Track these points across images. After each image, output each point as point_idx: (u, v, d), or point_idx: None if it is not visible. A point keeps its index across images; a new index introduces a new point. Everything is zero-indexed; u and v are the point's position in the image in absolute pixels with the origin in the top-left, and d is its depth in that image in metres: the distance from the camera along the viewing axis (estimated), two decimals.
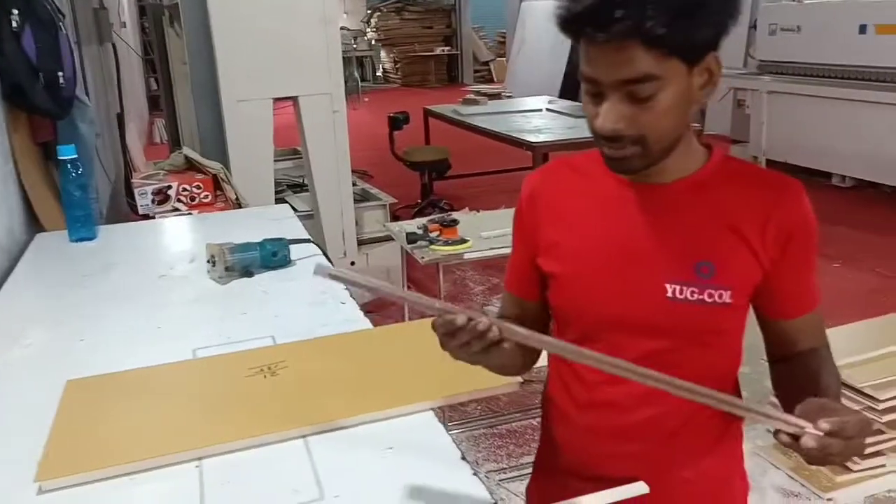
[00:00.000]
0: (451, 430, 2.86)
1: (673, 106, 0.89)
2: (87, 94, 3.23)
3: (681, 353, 0.99)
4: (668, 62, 0.86)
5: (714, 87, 0.92)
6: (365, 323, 1.57)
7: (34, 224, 2.38)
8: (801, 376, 1.01)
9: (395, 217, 5.02)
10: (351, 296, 1.71)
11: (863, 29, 5.80)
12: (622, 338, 1.01)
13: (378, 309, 3.73)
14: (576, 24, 0.86)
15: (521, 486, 1.24)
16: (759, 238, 0.95)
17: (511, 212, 1.15)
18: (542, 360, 1.17)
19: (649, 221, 0.99)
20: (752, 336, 1.07)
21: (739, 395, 1.08)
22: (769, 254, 0.96)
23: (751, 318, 1.06)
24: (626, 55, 0.85)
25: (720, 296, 0.96)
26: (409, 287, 3.41)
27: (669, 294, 0.97)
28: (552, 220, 1.07)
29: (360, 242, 4.17)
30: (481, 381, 1.18)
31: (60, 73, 2.38)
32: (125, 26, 6.79)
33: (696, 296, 0.96)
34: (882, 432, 2.48)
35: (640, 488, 1.00)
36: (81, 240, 2.17)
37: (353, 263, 3.97)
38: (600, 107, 0.91)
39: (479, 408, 3.04)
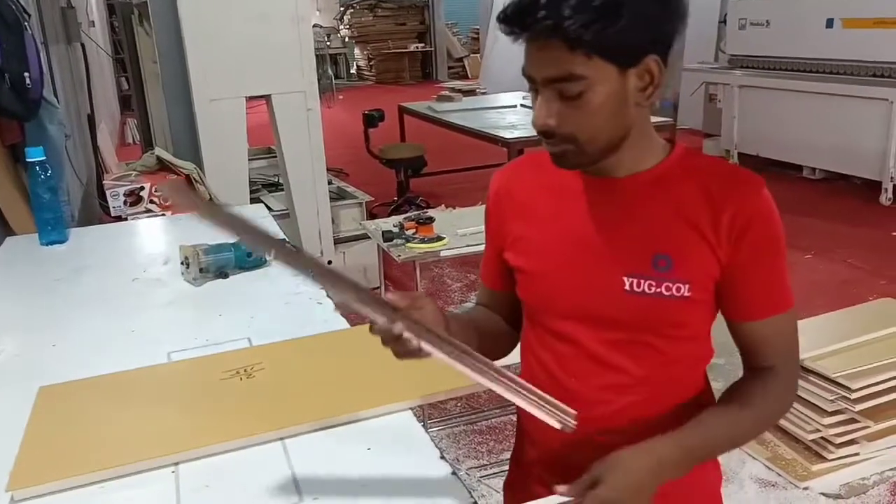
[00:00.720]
0: (430, 428, 2.87)
1: (603, 106, 0.90)
2: (55, 94, 3.18)
3: (642, 344, 1.00)
4: (594, 63, 0.88)
5: (657, 90, 0.92)
6: (341, 323, 1.57)
7: (3, 228, 2.35)
8: (729, 394, 1.02)
9: (372, 215, 5.00)
10: (327, 295, 1.71)
11: (830, 23, 5.88)
12: (584, 330, 1.02)
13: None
14: (506, 23, 0.90)
15: (502, 483, 1.24)
16: (713, 231, 0.95)
17: None
18: (516, 357, 1.18)
19: (607, 215, 1.00)
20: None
21: (709, 387, 1.09)
22: (724, 248, 0.96)
23: None
24: (550, 54, 0.88)
25: (678, 289, 0.96)
26: (387, 287, 3.40)
27: (627, 287, 0.97)
28: (517, 215, 1.08)
29: (337, 241, 4.15)
30: (460, 379, 1.17)
31: (27, 74, 2.34)
32: (94, 25, 6.69)
33: (653, 289, 0.97)
34: (856, 421, 2.52)
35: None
36: (52, 243, 2.14)
37: (329, 262, 3.95)
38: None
39: (458, 405, 3.04)
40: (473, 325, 1.10)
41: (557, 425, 0.97)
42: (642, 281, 0.97)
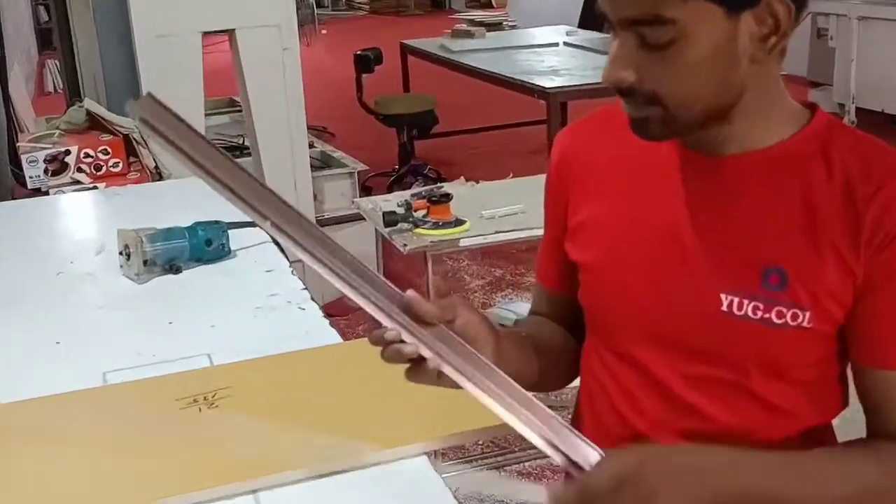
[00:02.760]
0: (446, 473, 2.85)
1: (701, 61, 0.89)
2: None
3: (738, 386, 0.98)
4: (692, 3, 0.86)
5: (783, 39, 0.90)
6: (331, 335, 1.56)
7: None
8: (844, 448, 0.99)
9: (367, 190, 4.98)
10: (311, 298, 1.70)
11: None
12: (660, 357, 1.01)
13: (344, 312, 3.71)
14: None
15: None
16: (851, 240, 0.92)
17: (525, 182, 1.16)
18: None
19: (706, 206, 0.99)
20: None
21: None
22: (862, 263, 0.92)
23: None
24: None
25: (794, 316, 0.94)
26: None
27: (725, 307, 0.96)
28: (584, 192, 1.08)
29: (321, 224, 4.11)
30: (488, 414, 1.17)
31: None
32: None
33: (759, 313, 0.95)
34: None
35: None
36: None
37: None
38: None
39: (481, 443, 3.04)
40: (533, 345, 1.09)
41: None
42: (746, 301, 0.95)
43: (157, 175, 3.00)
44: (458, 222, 2.70)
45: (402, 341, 0.88)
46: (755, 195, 0.97)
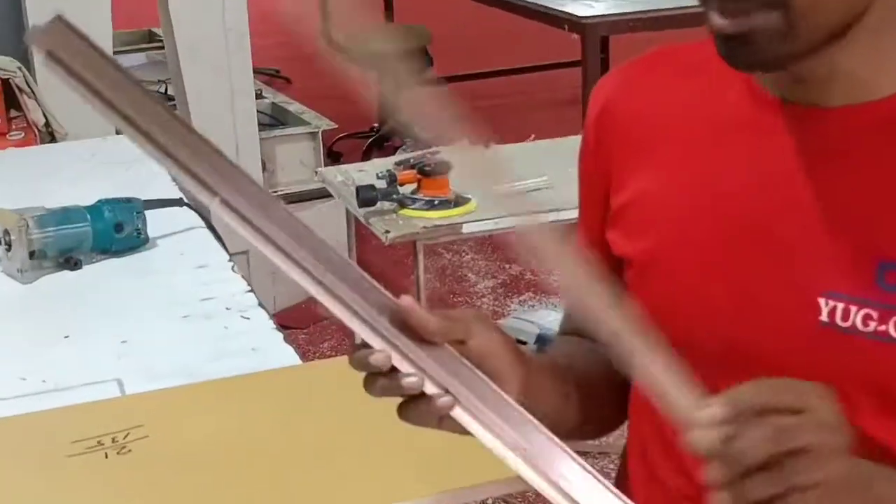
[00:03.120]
0: None
1: None
2: None
3: (852, 421, 0.96)
4: None
5: None
6: (286, 353, 1.57)
7: None
8: None
9: (335, 156, 4.98)
10: (259, 304, 1.71)
11: None
12: (736, 383, 1.00)
13: (304, 320, 3.71)
14: None
15: None
16: None
17: (553, 144, 1.16)
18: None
19: (801, 176, 0.99)
20: None
21: None
22: None
23: None
24: None
25: None
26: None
27: (824, 317, 0.97)
28: (632, 161, 1.10)
29: None
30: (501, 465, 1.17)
31: None
32: None
33: (872, 324, 0.95)
34: None
35: None
36: None
37: None
38: None
39: (489, 501, 3.05)
40: (573, 377, 1.09)
41: None
42: (854, 307, 0.95)
43: (49, 135, 3.00)
44: (460, 201, 2.71)
45: (394, 369, 0.87)
46: (869, 163, 0.97)
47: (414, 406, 0.88)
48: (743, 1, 0.91)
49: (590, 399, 1.10)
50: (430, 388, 0.86)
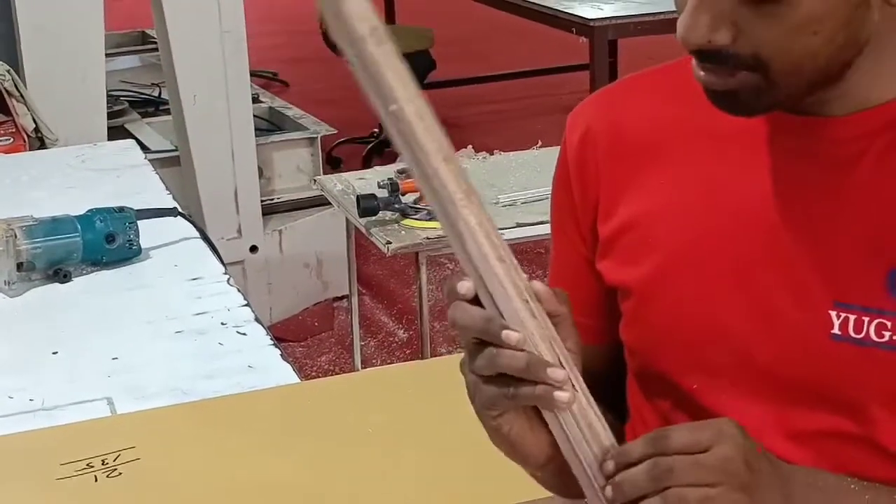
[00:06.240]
0: None
1: (823, 16, 0.90)
2: None
3: (860, 442, 0.99)
4: None
5: None
6: (283, 371, 1.57)
7: None
8: None
9: (334, 162, 4.98)
10: (256, 319, 1.70)
11: None
12: (753, 408, 1.02)
13: (301, 333, 3.70)
14: None
15: None
16: None
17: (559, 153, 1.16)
18: None
19: (807, 185, 1.01)
20: None
21: None
22: None
23: None
24: None
25: None
26: (362, 300, 3.35)
27: (836, 329, 0.98)
28: (624, 181, 1.10)
29: (269, 210, 4.16)
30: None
31: None
32: None
33: (886, 334, 0.96)
34: None
35: None
36: None
37: (254, 249, 3.96)
38: None
39: None
40: None
41: None
42: (866, 318, 0.96)
43: (39, 140, 3.00)
44: None
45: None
46: (877, 168, 0.98)
47: (525, 418, 0.90)
48: (725, 64, 0.93)
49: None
50: (560, 396, 0.86)
